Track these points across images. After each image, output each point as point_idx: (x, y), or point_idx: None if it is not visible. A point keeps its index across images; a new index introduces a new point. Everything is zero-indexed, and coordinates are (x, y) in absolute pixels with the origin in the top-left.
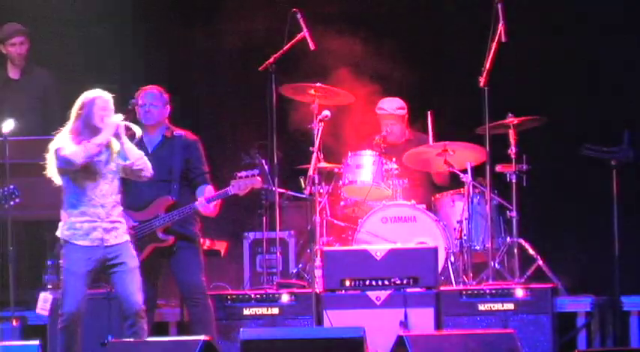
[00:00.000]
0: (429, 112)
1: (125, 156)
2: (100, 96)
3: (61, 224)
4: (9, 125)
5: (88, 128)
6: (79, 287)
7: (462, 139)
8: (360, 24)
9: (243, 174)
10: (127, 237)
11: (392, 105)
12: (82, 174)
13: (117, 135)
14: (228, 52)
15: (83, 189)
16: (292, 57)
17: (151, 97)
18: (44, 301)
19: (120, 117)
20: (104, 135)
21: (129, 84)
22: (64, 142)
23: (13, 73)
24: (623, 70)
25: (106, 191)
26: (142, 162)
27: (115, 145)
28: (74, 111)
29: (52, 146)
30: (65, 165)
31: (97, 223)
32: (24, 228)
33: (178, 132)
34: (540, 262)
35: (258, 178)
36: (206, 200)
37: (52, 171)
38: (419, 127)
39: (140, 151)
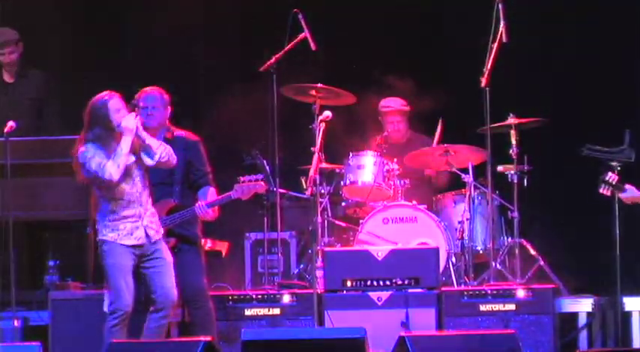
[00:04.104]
0: (440, 120)
1: (149, 153)
2: (112, 99)
3: (100, 227)
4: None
5: (107, 132)
6: (130, 281)
7: (464, 140)
8: (361, 24)
9: (246, 178)
10: (162, 232)
11: (397, 102)
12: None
13: (137, 135)
14: (228, 52)
15: (120, 194)
16: (293, 57)
17: (152, 100)
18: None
19: (134, 116)
20: (127, 140)
21: (129, 84)
22: (91, 154)
23: (7, 77)
24: (623, 69)
25: (140, 188)
26: (165, 153)
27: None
28: (88, 117)
29: (80, 159)
30: (101, 182)
31: (139, 222)
32: (25, 228)
33: (179, 133)
34: (542, 262)
35: (262, 183)
36: (207, 204)
37: (80, 177)
38: (419, 128)
39: (159, 142)
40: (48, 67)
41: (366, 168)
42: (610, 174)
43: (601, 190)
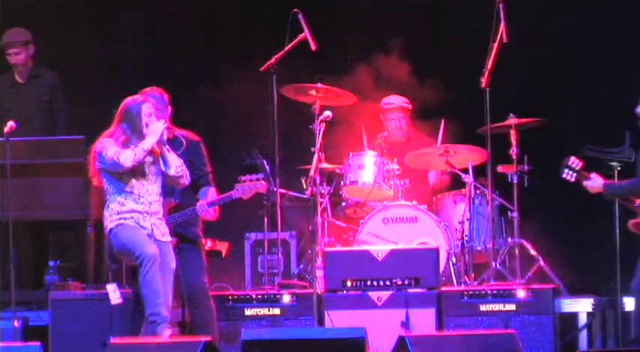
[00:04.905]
0: (442, 121)
1: (166, 163)
2: (145, 102)
3: (107, 220)
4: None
5: (133, 133)
6: (144, 235)
7: (464, 140)
8: (361, 24)
9: (247, 177)
10: (170, 239)
11: (399, 100)
12: (128, 173)
13: (160, 141)
14: (228, 51)
15: (130, 188)
16: (293, 57)
17: (153, 99)
18: (113, 291)
19: (162, 122)
20: (150, 140)
21: (130, 86)
22: (109, 145)
23: (19, 77)
24: (623, 69)
25: (152, 190)
26: (181, 169)
27: (157, 149)
28: (120, 115)
29: (97, 148)
30: (113, 168)
31: (147, 217)
32: (25, 228)
33: (180, 132)
34: (542, 263)
35: (263, 183)
36: (208, 204)
37: (93, 171)
38: (420, 128)
39: (179, 159)
40: (56, 67)
41: (366, 168)
42: (573, 158)
43: (564, 175)
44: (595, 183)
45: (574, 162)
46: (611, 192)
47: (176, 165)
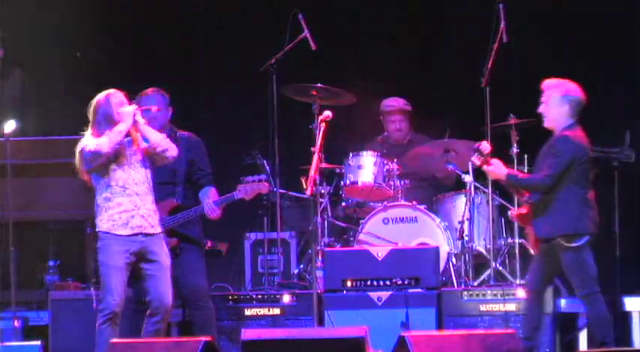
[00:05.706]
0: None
1: (146, 139)
2: (113, 93)
3: (98, 219)
4: (11, 125)
5: (108, 124)
6: (120, 281)
7: (464, 139)
8: (361, 24)
9: (249, 178)
10: (160, 229)
11: (399, 102)
12: (111, 166)
13: (135, 122)
14: (228, 52)
15: (115, 181)
16: (293, 57)
17: (154, 101)
18: None
19: (134, 106)
20: (124, 123)
21: (129, 86)
22: (88, 139)
23: None
24: (623, 69)
25: (138, 180)
26: (164, 142)
27: (136, 134)
28: (93, 112)
29: (78, 149)
30: (93, 159)
31: (135, 211)
32: (25, 228)
33: (182, 133)
34: None
35: (266, 183)
36: (215, 202)
37: (83, 174)
38: (420, 128)
39: (160, 134)
40: (56, 67)
41: (366, 168)
42: (484, 143)
43: (472, 158)
44: (497, 169)
45: (484, 147)
46: (511, 183)
47: (157, 139)
